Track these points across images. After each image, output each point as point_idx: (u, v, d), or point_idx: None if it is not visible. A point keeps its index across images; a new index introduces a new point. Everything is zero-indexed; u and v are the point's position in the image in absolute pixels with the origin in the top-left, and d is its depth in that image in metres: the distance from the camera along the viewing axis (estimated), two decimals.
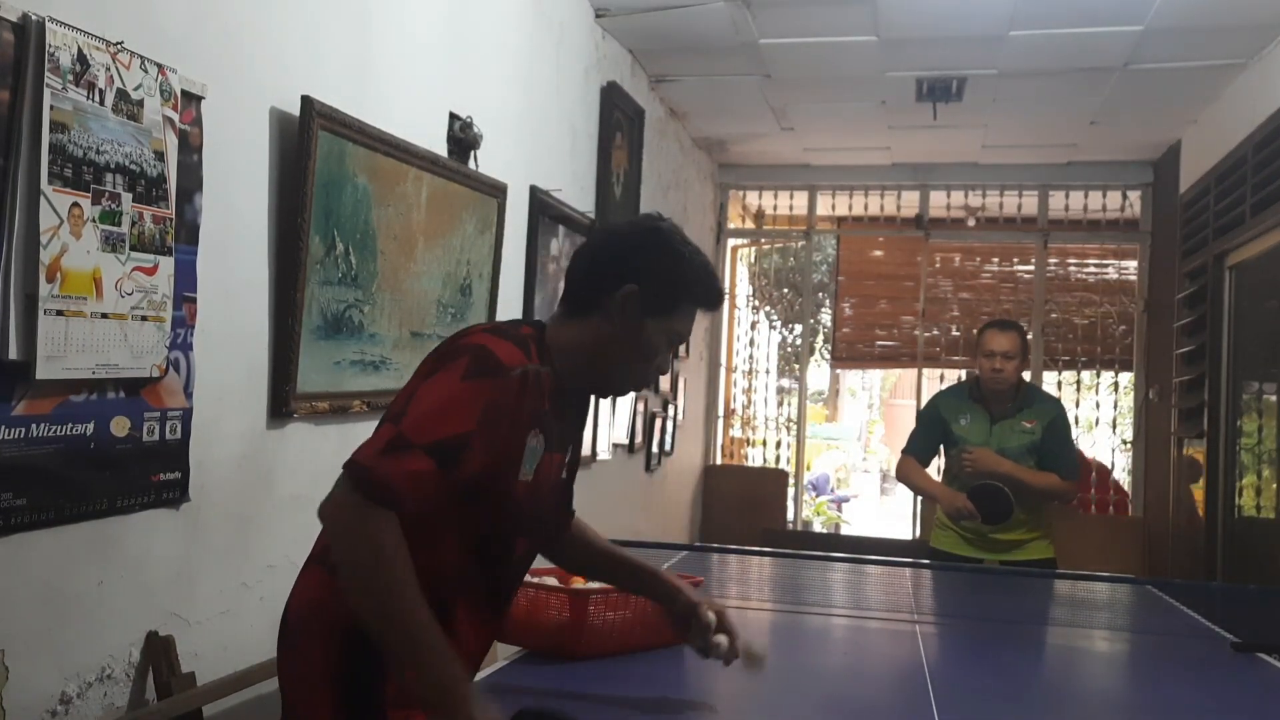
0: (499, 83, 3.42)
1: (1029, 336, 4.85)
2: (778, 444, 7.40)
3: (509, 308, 3.48)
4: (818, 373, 8.46)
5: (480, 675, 1.87)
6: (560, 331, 1.63)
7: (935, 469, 4.10)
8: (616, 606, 2.16)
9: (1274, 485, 4.34)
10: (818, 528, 8.42)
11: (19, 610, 1.74)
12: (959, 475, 3.77)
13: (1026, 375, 4.06)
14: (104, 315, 1.82)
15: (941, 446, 3.94)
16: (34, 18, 1.68)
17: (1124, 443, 7.05)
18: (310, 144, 2.34)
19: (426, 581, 1.42)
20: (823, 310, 8.05)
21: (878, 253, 7.35)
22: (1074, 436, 4.18)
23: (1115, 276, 6.82)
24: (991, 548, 3.76)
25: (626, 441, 4.99)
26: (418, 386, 1.47)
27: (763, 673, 1.87)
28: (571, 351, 1.61)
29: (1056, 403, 3.98)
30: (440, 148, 2.98)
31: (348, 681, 1.48)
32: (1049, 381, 6.69)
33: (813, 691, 2.14)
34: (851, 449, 15.42)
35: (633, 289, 1.58)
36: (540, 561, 1.89)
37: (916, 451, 3.95)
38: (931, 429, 3.91)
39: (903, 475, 4.03)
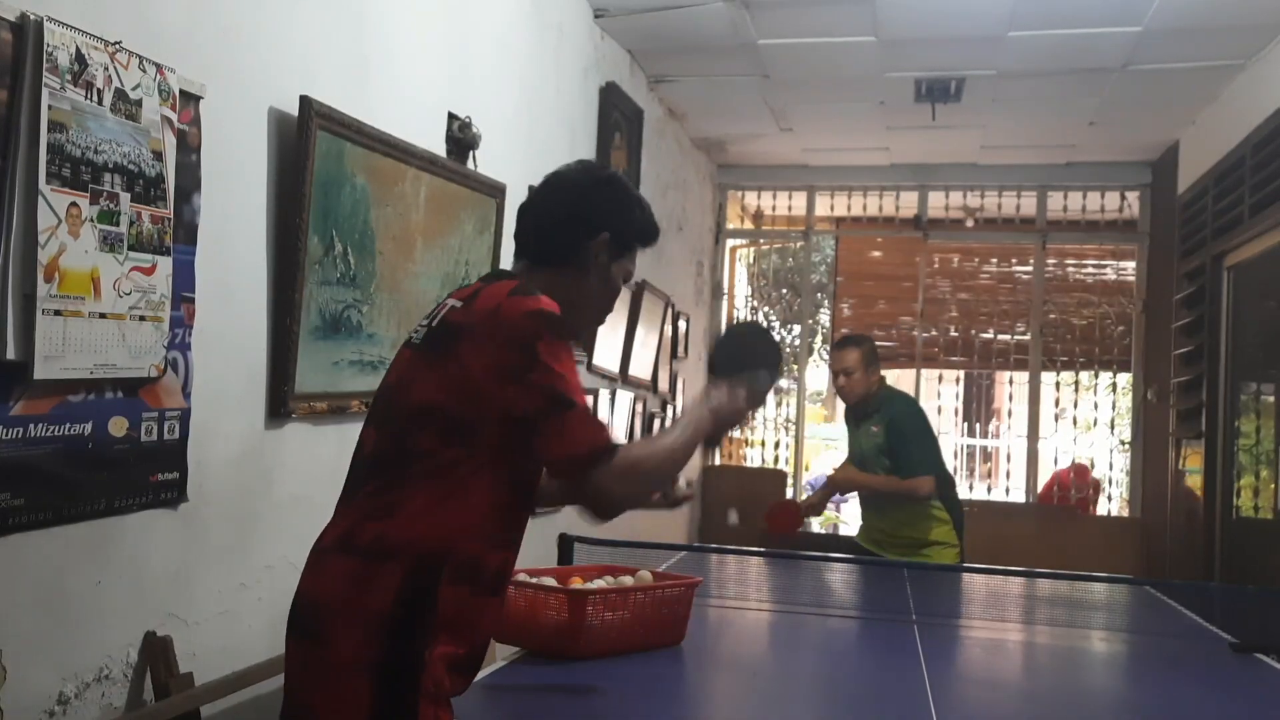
0: (498, 83, 3.42)
1: (1028, 336, 4.78)
2: (776, 444, 7.40)
3: None
4: (816, 373, 8.45)
5: (479, 676, 1.86)
6: (536, 282, 1.64)
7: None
8: (615, 606, 2.16)
9: (1272, 486, 4.34)
10: (816, 528, 8.40)
11: (17, 610, 1.74)
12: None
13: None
14: (102, 315, 1.82)
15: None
16: (32, 17, 1.68)
17: (1122, 443, 7.05)
18: (309, 144, 2.33)
19: (483, 536, 1.52)
20: (821, 311, 8.04)
21: (876, 253, 7.35)
22: (934, 432, 4.03)
23: (1114, 277, 6.82)
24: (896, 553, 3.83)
25: (625, 441, 4.97)
26: (536, 375, 1.50)
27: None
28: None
29: (900, 403, 3.96)
30: (439, 147, 2.98)
31: (386, 672, 1.44)
32: (1047, 382, 6.70)
33: (812, 691, 2.14)
34: None
35: (607, 236, 1.69)
36: (538, 562, 1.88)
37: None
38: None
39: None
